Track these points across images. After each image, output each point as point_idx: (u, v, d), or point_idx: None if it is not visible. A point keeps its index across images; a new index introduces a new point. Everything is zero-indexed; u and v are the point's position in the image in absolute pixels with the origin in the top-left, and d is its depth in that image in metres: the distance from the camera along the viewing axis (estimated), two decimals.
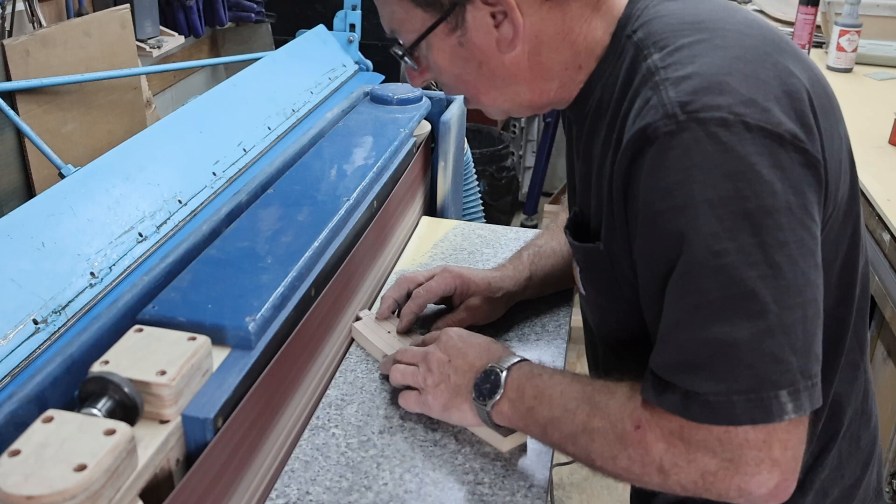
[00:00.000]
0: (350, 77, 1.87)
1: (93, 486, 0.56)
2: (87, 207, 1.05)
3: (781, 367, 0.66)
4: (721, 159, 0.66)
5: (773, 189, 0.66)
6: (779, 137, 0.67)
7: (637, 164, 0.70)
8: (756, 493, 0.68)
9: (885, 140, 1.88)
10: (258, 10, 2.53)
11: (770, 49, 0.73)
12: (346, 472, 0.87)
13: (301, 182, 1.12)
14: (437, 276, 1.10)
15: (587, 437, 0.77)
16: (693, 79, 0.68)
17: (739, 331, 0.65)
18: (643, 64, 0.73)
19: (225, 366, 0.77)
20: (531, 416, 0.83)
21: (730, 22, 0.74)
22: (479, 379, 0.87)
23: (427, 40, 0.80)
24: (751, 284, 0.65)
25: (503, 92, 0.83)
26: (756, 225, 0.65)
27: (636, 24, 0.77)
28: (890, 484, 1.57)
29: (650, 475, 0.72)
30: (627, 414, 0.74)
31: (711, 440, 0.68)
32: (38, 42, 1.57)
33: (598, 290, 0.87)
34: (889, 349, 1.61)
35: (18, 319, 0.87)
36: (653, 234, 0.70)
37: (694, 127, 0.66)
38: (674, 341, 0.70)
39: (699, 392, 0.67)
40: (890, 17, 2.58)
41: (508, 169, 3.46)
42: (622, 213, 0.75)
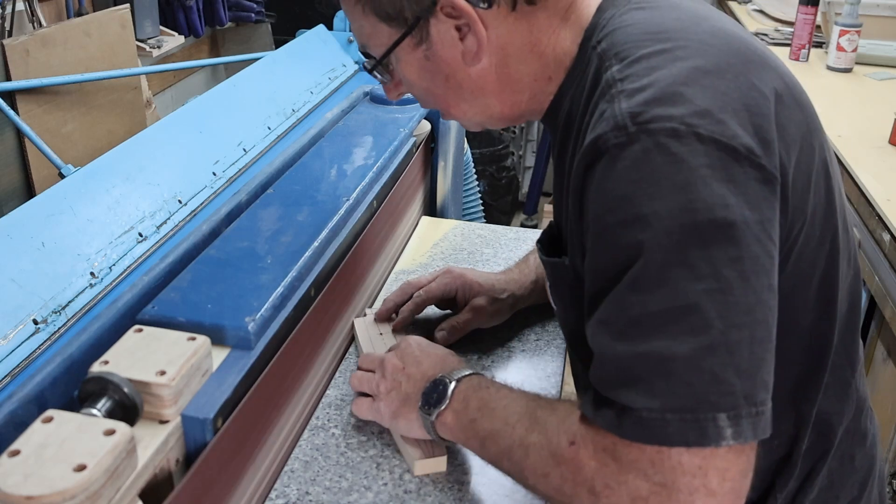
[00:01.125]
0: (350, 77, 1.87)
1: (92, 486, 0.56)
2: (87, 207, 1.05)
3: (722, 387, 0.62)
4: (670, 170, 0.63)
5: (725, 202, 0.63)
6: (733, 150, 0.64)
7: (589, 177, 0.68)
8: None
9: (885, 140, 1.88)
10: (258, 10, 2.53)
11: (734, 60, 0.70)
12: (346, 472, 0.87)
13: (301, 182, 1.12)
14: (437, 278, 1.10)
15: (522, 451, 0.73)
16: (647, 90, 0.66)
17: (680, 345, 0.62)
18: (604, 76, 0.71)
19: (224, 366, 0.77)
20: (472, 428, 0.80)
21: (694, 31, 0.72)
22: (427, 388, 0.85)
23: (395, 54, 0.80)
24: (694, 298, 0.62)
25: (472, 105, 0.83)
26: (705, 238, 0.62)
27: (601, 35, 0.75)
28: (890, 484, 1.57)
29: (580, 496, 0.68)
30: (564, 429, 0.70)
31: (643, 461, 0.64)
32: (38, 42, 1.57)
33: (565, 306, 0.85)
34: (889, 349, 1.61)
35: (18, 319, 0.87)
36: (600, 247, 0.68)
37: (644, 138, 0.64)
38: (612, 354, 0.66)
39: (633, 407, 0.63)
40: (890, 17, 2.58)
41: (508, 169, 3.46)
42: (577, 226, 0.73)
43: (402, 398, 0.88)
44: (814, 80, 2.30)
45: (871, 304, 1.67)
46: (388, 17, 0.77)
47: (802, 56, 2.53)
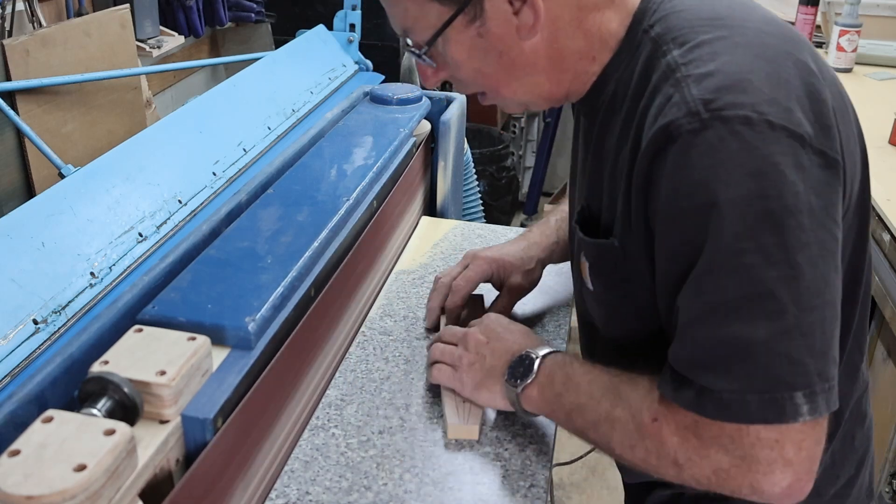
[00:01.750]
0: (350, 77, 1.87)
1: (93, 486, 0.56)
2: (87, 207, 1.05)
3: (798, 368, 0.66)
4: (744, 158, 0.65)
5: (795, 189, 0.65)
6: (800, 137, 0.66)
7: (659, 162, 0.69)
8: (769, 491, 0.68)
9: (885, 140, 1.88)
10: (258, 10, 2.53)
11: (790, 48, 0.72)
12: (346, 472, 0.87)
13: (301, 182, 1.12)
14: (471, 265, 1.11)
15: (608, 425, 0.78)
16: (715, 76, 0.68)
17: (757, 330, 0.65)
18: (662, 60, 0.72)
19: (225, 366, 0.77)
20: (558, 401, 0.84)
21: (749, 19, 0.74)
22: (513, 362, 0.88)
23: (444, 35, 0.79)
24: (770, 285, 0.65)
25: (523, 83, 0.83)
26: (778, 225, 0.65)
27: (653, 19, 0.76)
28: (890, 484, 1.57)
29: (665, 468, 0.73)
30: (646, 406, 0.75)
31: (724, 437, 0.69)
32: (38, 42, 1.57)
33: (607, 286, 0.86)
34: (889, 349, 1.61)
35: (18, 319, 0.87)
36: (674, 232, 0.70)
37: (718, 125, 0.66)
38: (691, 338, 0.70)
39: (713, 389, 0.68)
40: (890, 17, 2.58)
41: (508, 169, 3.46)
42: (642, 210, 0.74)
43: (487, 370, 0.91)
44: None
45: (871, 304, 1.67)
46: None
47: None
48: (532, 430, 0.94)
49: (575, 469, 2.32)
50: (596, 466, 2.34)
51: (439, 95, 1.51)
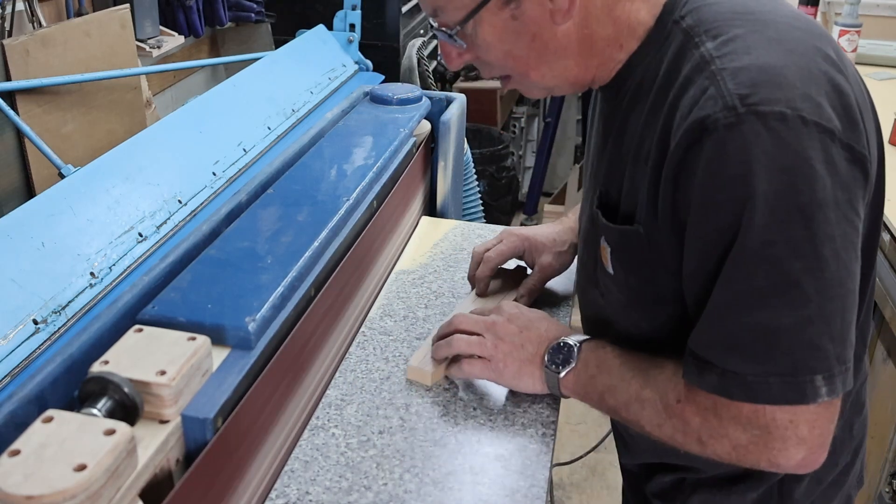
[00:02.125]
0: (350, 77, 1.87)
1: (93, 485, 0.56)
2: (87, 207, 1.05)
3: (819, 353, 0.70)
4: (779, 153, 0.68)
5: (824, 184, 0.68)
6: (830, 133, 0.69)
7: (693, 153, 0.71)
8: (785, 465, 0.74)
9: (886, 140, 1.87)
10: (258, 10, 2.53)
11: (818, 42, 0.74)
12: (346, 472, 0.87)
13: (301, 182, 1.12)
14: (504, 240, 1.16)
15: (639, 405, 0.83)
16: (751, 71, 0.70)
17: (782, 318, 0.69)
18: (695, 51, 0.74)
19: (225, 366, 0.77)
20: (591, 383, 0.89)
21: (779, 14, 0.76)
22: (552, 349, 0.93)
23: (477, 16, 0.80)
24: (796, 275, 0.68)
25: (552, 67, 0.84)
26: (807, 218, 0.68)
27: (684, 10, 0.78)
28: (890, 484, 1.57)
29: (690, 444, 0.79)
30: (671, 388, 0.80)
31: (742, 417, 0.74)
32: (38, 42, 1.57)
33: (629, 271, 0.88)
34: (889, 349, 1.61)
35: (18, 319, 0.87)
36: (708, 222, 0.72)
37: (753, 120, 0.68)
38: (718, 323, 0.73)
39: (738, 372, 0.72)
40: (890, 17, 2.59)
41: (508, 169, 3.46)
42: (670, 198, 0.76)
43: (527, 358, 0.94)
44: None
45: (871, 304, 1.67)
46: None
47: None
48: (532, 430, 0.94)
49: (575, 469, 2.32)
50: (596, 466, 2.34)
51: (439, 95, 1.51)
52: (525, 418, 0.96)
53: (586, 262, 0.98)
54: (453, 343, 0.98)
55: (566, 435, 2.37)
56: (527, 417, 0.96)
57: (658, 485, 0.99)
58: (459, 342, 0.97)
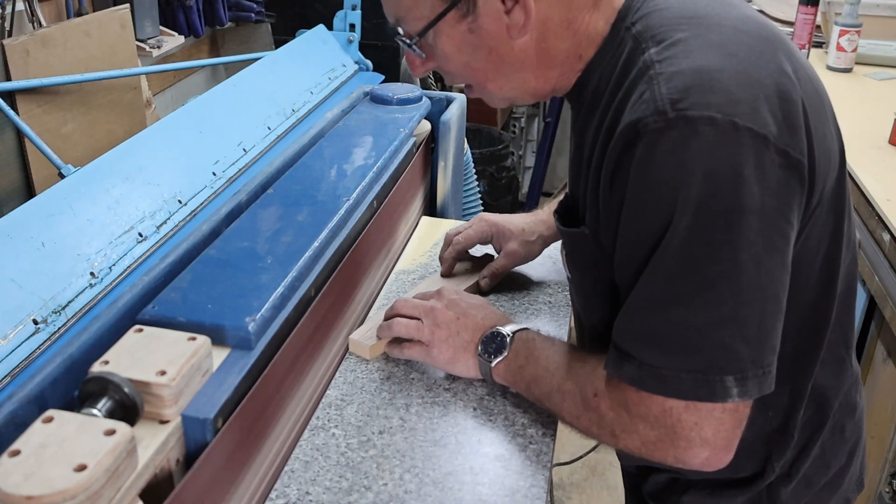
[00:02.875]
0: (350, 77, 1.87)
1: (93, 486, 0.56)
2: (87, 207, 1.05)
3: (730, 355, 0.71)
4: (705, 159, 0.68)
5: (751, 191, 0.68)
6: (764, 139, 0.68)
7: (626, 156, 0.72)
8: (689, 463, 0.76)
9: (885, 140, 1.88)
10: (258, 10, 2.53)
11: (764, 47, 0.74)
12: (346, 472, 0.87)
13: (301, 182, 1.11)
14: (473, 225, 1.20)
15: (560, 396, 0.86)
16: (685, 75, 0.70)
17: (696, 317, 0.71)
18: (640, 57, 0.75)
19: (225, 366, 0.77)
20: (520, 373, 0.92)
21: (726, 17, 0.76)
22: (485, 338, 0.96)
23: (435, 28, 0.81)
24: (712, 277, 0.70)
25: (510, 79, 0.85)
26: (728, 223, 0.69)
27: (635, 17, 0.79)
28: (890, 484, 1.57)
29: (605, 437, 0.82)
30: (590, 381, 0.82)
31: (650, 415, 0.76)
32: (38, 42, 1.57)
33: (582, 273, 0.92)
34: (889, 349, 1.61)
35: (18, 319, 0.87)
36: (635, 223, 0.74)
37: (682, 125, 0.68)
38: (639, 316, 0.75)
39: (654, 365, 0.74)
40: (890, 17, 2.58)
41: (508, 169, 3.46)
42: (608, 198, 0.77)
43: (461, 345, 0.97)
44: None
45: (871, 304, 1.67)
46: None
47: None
48: (532, 430, 0.94)
49: (575, 469, 2.32)
50: (596, 466, 2.34)
51: (439, 95, 1.51)
52: (525, 418, 0.96)
53: None
54: (393, 326, 1.01)
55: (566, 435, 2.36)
56: (527, 417, 0.96)
57: (653, 485, 1.00)
58: (399, 326, 1.00)
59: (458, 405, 0.98)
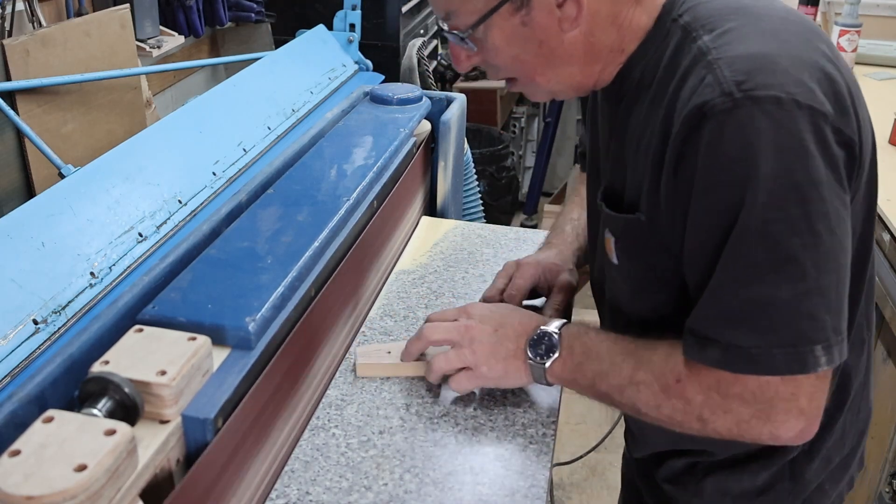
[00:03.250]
0: (350, 77, 1.87)
1: (93, 486, 0.56)
2: (87, 207, 1.05)
3: (817, 324, 0.73)
4: (775, 135, 0.71)
5: (817, 163, 0.72)
6: (823, 115, 0.72)
7: (693, 139, 0.74)
8: (784, 436, 0.77)
9: (886, 140, 1.88)
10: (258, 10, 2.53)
11: (809, 35, 0.78)
12: (346, 472, 0.87)
13: (301, 182, 1.11)
14: (517, 273, 1.12)
15: (634, 388, 0.84)
16: (746, 59, 0.73)
17: (781, 291, 0.72)
18: (693, 45, 0.78)
19: (225, 366, 0.77)
20: (580, 370, 0.89)
21: (771, 9, 0.80)
22: (532, 341, 0.92)
23: (488, 21, 0.82)
24: (794, 251, 0.72)
25: (558, 72, 0.86)
26: (802, 197, 0.71)
27: (682, 9, 0.82)
28: (890, 484, 1.57)
29: (690, 423, 0.81)
30: (669, 369, 0.81)
31: (746, 393, 0.76)
32: (38, 42, 1.57)
33: (633, 260, 0.90)
34: (889, 349, 1.61)
35: (18, 319, 0.87)
36: (710, 203, 0.75)
37: (750, 104, 0.71)
38: (721, 299, 0.76)
39: (742, 346, 0.74)
40: (890, 17, 2.59)
41: (508, 169, 3.46)
42: (671, 184, 0.78)
43: (508, 355, 0.94)
44: None
45: None
46: None
47: None
48: (532, 430, 0.94)
49: (575, 469, 2.32)
50: (596, 466, 2.34)
51: (439, 95, 1.51)
52: (525, 418, 0.96)
53: (598, 258, 1.01)
54: (434, 366, 0.96)
55: (566, 435, 2.37)
56: (527, 417, 0.96)
57: (669, 470, 1.01)
58: (440, 363, 0.96)
59: (459, 405, 0.98)
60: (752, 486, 0.96)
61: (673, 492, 1.02)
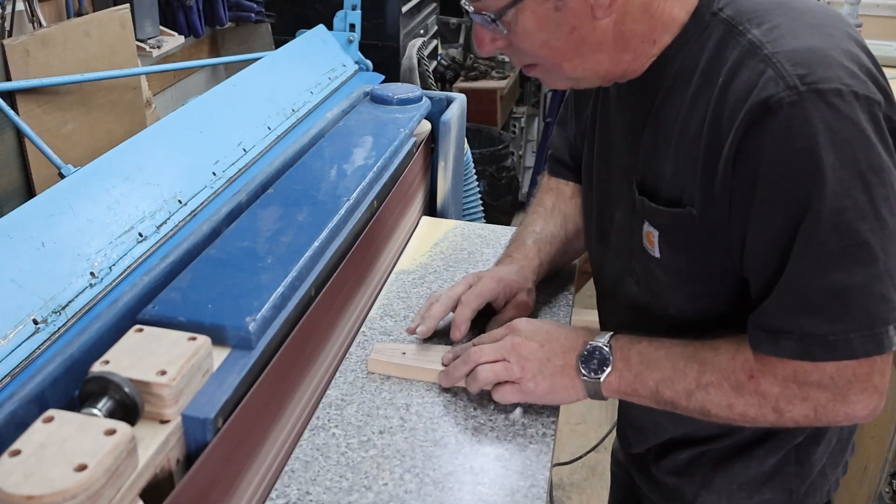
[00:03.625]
0: (350, 77, 1.87)
1: (93, 485, 0.56)
2: (87, 207, 1.05)
3: (889, 305, 0.75)
4: (840, 126, 0.73)
5: (877, 151, 0.74)
6: (878, 105, 0.75)
7: (756, 132, 0.75)
8: (860, 415, 0.80)
9: None
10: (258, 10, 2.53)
11: (847, 29, 0.80)
12: (346, 472, 0.87)
13: (301, 182, 1.11)
14: (479, 283, 1.08)
15: (703, 391, 0.85)
16: (803, 52, 0.75)
17: (854, 277, 0.74)
18: (741, 38, 0.79)
19: (225, 366, 0.77)
20: (640, 380, 0.89)
21: (809, 4, 0.82)
22: (583, 356, 0.92)
23: (521, 4, 0.82)
24: (864, 236, 0.74)
25: (586, 60, 0.86)
26: (867, 183, 0.74)
27: (722, 3, 0.83)
28: (890, 484, 1.57)
29: (766, 416, 0.83)
30: (738, 366, 0.83)
31: (825, 378, 0.78)
32: (38, 42, 1.57)
33: (678, 252, 0.90)
34: None
35: (18, 319, 0.87)
36: (777, 196, 0.76)
37: (814, 97, 0.73)
38: (794, 290, 0.77)
39: (819, 334, 0.76)
40: (890, 17, 2.59)
41: (508, 169, 3.46)
42: (728, 177, 0.79)
43: (557, 371, 0.93)
44: None
45: None
46: None
47: None
48: (532, 429, 0.94)
49: (575, 469, 2.32)
50: (596, 466, 2.34)
51: (439, 95, 1.51)
52: (525, 418, 0.96)
53: (621, 253, 0.99)
54: (479, 376, 0.94)
55: (566, 435, 2.37)
56: (527, 417, 0.96)
57: (673, 462, 1.01)
58: (485, 373, 0.94)
59: (458, 405, 0.98)
60: (759, 473, 0.97)
61: (678, 483, 1.03)
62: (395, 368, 1.02)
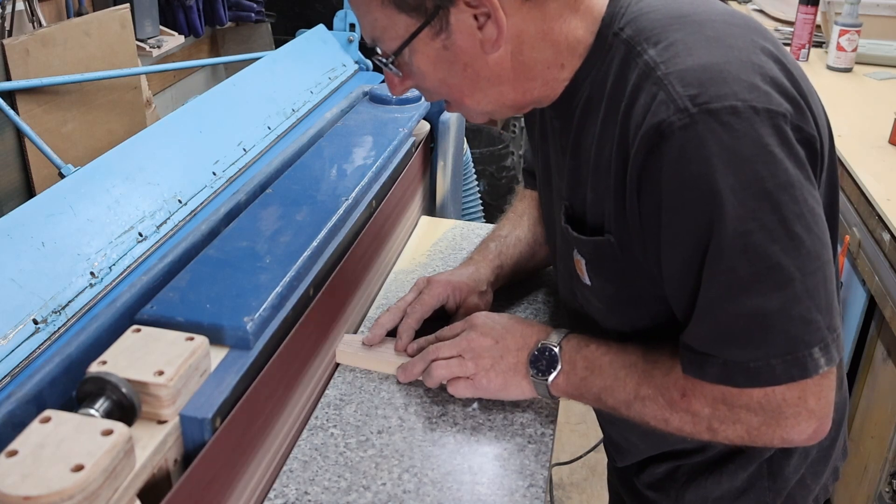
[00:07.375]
0: (350, 77, 1.87)
1: (90, 486, 0.56)
2: (87, 207, 1.06)
3: (811, 327, 0.72)
4: (737, 145, 0.69)
5: (784, 166, 0.70)
6: (782, 116, 0.71)
7: (653, 159, 0.72)
8: (797, 439, 0.77)
9: (885, 140, 1.88)
10: (258, 10, 2.53)
11: (755, 36, 0.76)
12: (345, 472, 0.87)
13: (300, 182, 1.12)
14: (426, 290, 1.09)
15: (640, 403, 0.84)
16: (695, 71, 0.71)
17: (770, 301, 0.71)
18: (639, 59, 0.75)
19: (223, 366, 0.77)
20: (584, 385, 0.89)
21: (713, 13, 0.77)
22: (533, 357, 0.92)
23: (411, 46, 0.80)
24: (776, 258, 0.70)
25: (487, 93, 0.84)
26: (775, 202, 0.70)
27: (622, 22, 0.79)
28: (890, 484, 1.57)
29: (701, 433, 0.81)
30: (672, 383, 0.81)
31: (753, 402, 0.76)
32: (38, 42, 1.57)
33: (606, 280, 0.89)
34: (889, 349, 1.61)
35: (18, 319, 0.87)
36: (680, 223, 0.73)
37: (706, 118, 0.69)
38: (710, 317, 0.75)
39: (739, 361, 0.74)
40: (890, 17, 2.58)
41: (508, 169, 3.46)
42: (636, 205, 0.77)
43: (509, 369, 0.93)
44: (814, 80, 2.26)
45: (871, 304, 1.67)
46: (407, 8, 0.78)
47: (802, 56, 2.53)
48: (531, 429, 0.94)
49: (575, 469, 2.32)
50: (596, 466, 2.34)
51: None
52: (524, 418, 0.96)
53: (563, 276, 0.99)
54: (433, 372, 0.96)
55: (566, 435, 2.37)
56: (526, 417, 0.96)
57: (651, 476, 1.01)
58: (439, 370, 0.95)
59: (457, 405, 0.98)
60: (732, 487, 0.95)
61: (655, 497, 1.02)
62: (360, 360, 1.04)
